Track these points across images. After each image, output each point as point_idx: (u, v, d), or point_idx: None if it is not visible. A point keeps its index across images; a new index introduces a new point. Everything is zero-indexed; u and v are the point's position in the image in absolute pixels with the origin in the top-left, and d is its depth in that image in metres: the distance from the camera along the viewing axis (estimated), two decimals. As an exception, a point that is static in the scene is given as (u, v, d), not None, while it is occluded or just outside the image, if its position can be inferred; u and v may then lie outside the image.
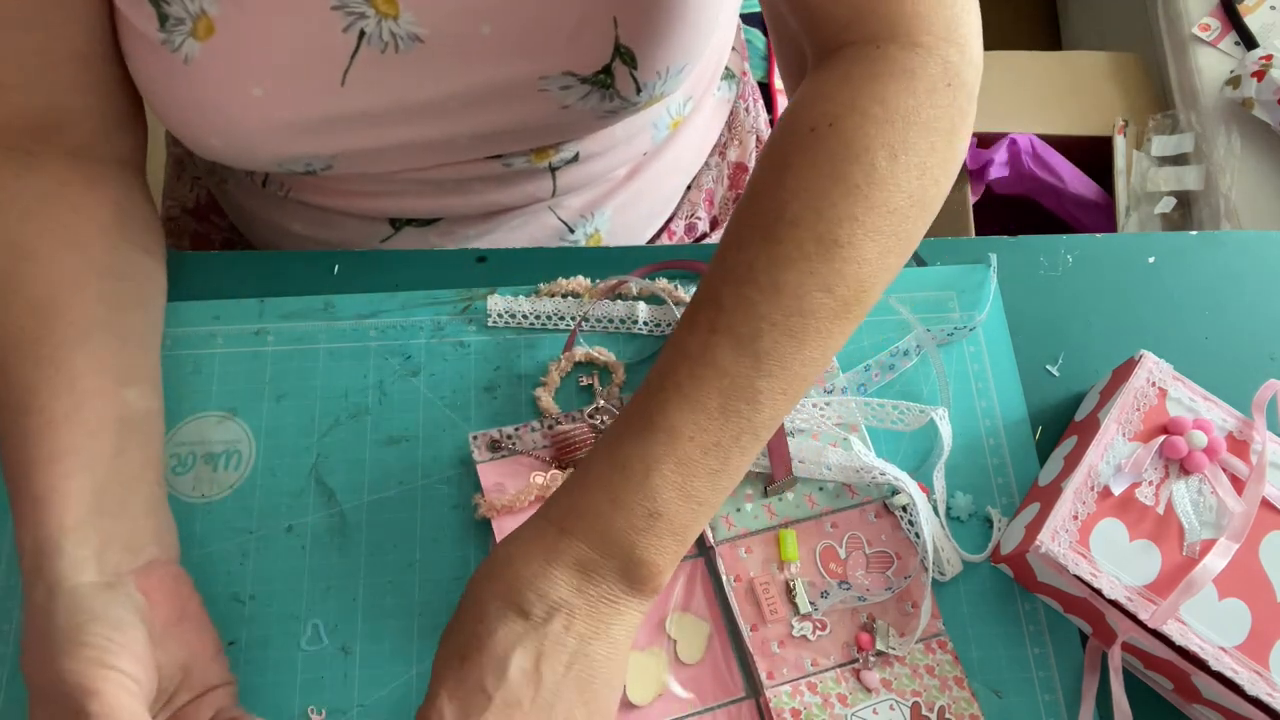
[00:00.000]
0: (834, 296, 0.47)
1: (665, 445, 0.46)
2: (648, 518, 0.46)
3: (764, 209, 0.48)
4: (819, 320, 0.47)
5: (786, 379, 0.47)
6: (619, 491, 0.46)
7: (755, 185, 0.50)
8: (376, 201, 0.69)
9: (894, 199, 0.47)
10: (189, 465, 0.59)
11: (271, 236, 0.75)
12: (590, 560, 0.46)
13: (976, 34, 0.51)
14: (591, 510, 0.46)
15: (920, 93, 0.48)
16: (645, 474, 0.46)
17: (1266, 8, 1.36)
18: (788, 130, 0.50)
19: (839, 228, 0.46)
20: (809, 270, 0.46)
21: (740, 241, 0.48)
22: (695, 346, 0.47)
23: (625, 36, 0.58)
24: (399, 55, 0.57)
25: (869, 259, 0.47)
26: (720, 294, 0.47)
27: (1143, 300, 0.67)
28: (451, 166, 0.66)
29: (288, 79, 0.56)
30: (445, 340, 0.63)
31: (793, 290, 0.46)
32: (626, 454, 0.46)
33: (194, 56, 0.55)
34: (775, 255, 0.47)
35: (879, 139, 0.47)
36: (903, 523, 0.59)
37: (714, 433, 0.46)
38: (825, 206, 0.47)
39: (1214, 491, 0.56)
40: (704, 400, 0.46)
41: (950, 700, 0.55)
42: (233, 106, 0.57)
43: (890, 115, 0.48)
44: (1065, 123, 1.42)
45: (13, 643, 0.55)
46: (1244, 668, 0.51)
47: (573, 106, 0.61)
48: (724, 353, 0.46)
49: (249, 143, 0.59)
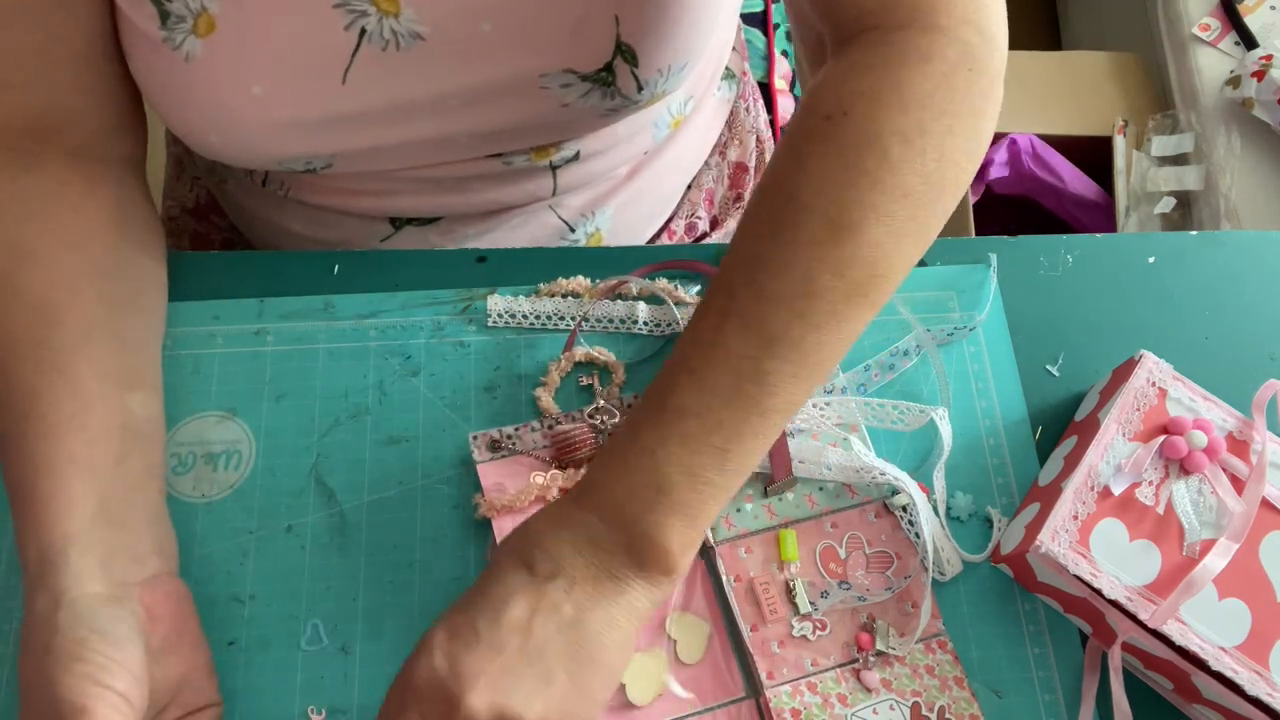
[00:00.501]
0: (844, 279, 0.47)
1: (672, 424, 0.47)
2: (654, 493, 0.46)
3: (777, 197, 0.48)
4: (829, 303, 0.47)
5: (797, 361, 0.47)
6: (628, 468, 0.47)
7: (770, 174, 0.50)
8: (376, 201, 0.69)
9: (908, 182, 0.47)
10: (189, 465, 0.59)
11: (271, 236, 0.75)
12: (599, 533, 0.47)
13: (1000, 17, 0.51)
14: (602, 485, 0.48)
15: (937, 76, 0.48)
16: (652, 450, 0.47)
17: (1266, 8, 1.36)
18: (804, 118, 0.50)
19: (848, 211, 0.46)
20: (818, 255, 0.46)
21: (753, 230, 0.49)
22: (707, 331, 0.48)
23: (626, 34, 0.58)
24: (400, 53, 0.57)
25: (881, 242, 0.47)
26: (732, 280, 0.48)
27: (1143, 300, 0.67)
28: (451, 165, 0.66)
29: (288, 77, 0.56)
30: (445, 340, 0.63)
31: (801, 273, 0.46)
32: (638, 434, 0.47)
33: (195, 54, 0.55)
34: (784, 240, 0.47)
35: (891, 125, 0.47)
36: (903, 523, 0.59)
37: (719, 410, 0.46)
38: (835, 192, 0.47)
39: (1214, 491, 0.56)
40: (712, 381, 0.47)
41: (950, 700, 0.55)
42: (233, 104, 0.57)
43: (905, 102, 0.47)
44: (1065, 123, 1.42)
45: (13, 643, 0.55)
46: (1244, 668, 0.51)
47: (573, 104, 0.61)
48: (733, 335, 0.47)
49: (249, 141, 0.59)
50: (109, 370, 0.53)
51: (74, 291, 0.53)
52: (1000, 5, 0.51)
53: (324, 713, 0.54)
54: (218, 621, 0.55)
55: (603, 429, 0.59)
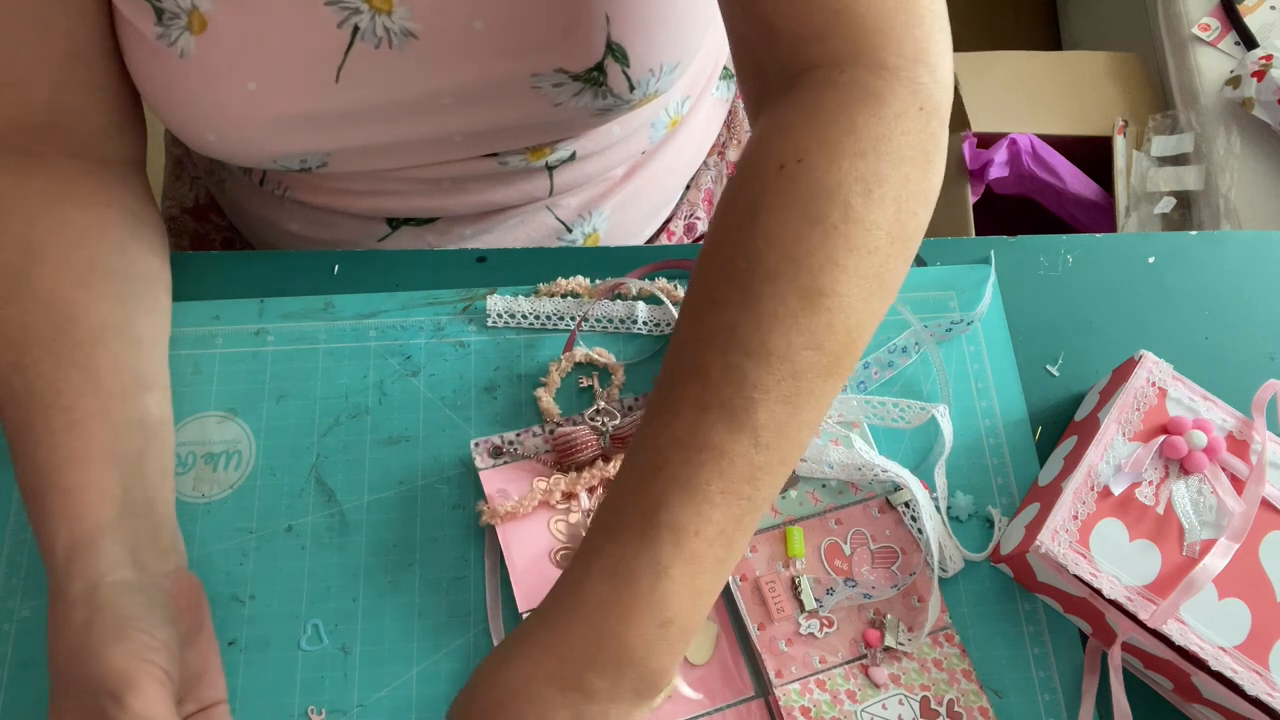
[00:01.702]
0: (824, 352, 0.44)
1: (671, 546, 0.42)
2: (659, 628, 0.42)
3: (737, 261, 0.45)
4: (811, 381, 0.44)
5: (783, 449, 0.44)
6: (628, 609, 0.42)
7: (723, 232, 0.46)
8: (373, 200, 0.69)
9: (873, 238, 0.45)
10: (189, 465, 0.59)
11: (270, 236, 0.75)
12: (601, 690, 0.43)
13: (947, 54, 0.49)
14: (597, 639, 0.42)
15: (889, 118, 0.46)
16: (654, 582, 0.42)
17: (1266, 8, 1.36)
18: (754, 168, 0.47)
19: (821, 276, 0.44)
20: (796, 328, 0.43)
21: (715, 299, 0.45)
22: (684, 428, 0.43)
23: (617, 33, 0.58)
24: (393, 51, 0.57)
25: (855, 307, 0.44)
26: (704, 362, 0.44)
27: (1143, 300, 0.67)
28: (447, 165, 0.66)
29: (282, 74, 0.56)
30: (445, 340, 0.63)
31: (781, 353, 0.43)
32: (630, 563, 0.42)
33: (190, 51, 0.55)
34: (759, 315, 0.43)
35: (852, 173, 0.45)
36: (905, 518, 0.59)
37: (718, 521, 0.43)
38: (803, 254, 0.44)
39: (1214, 491, 0.56)
40: (702, 487, 0.42)
41: (959, 694, 0.55)
42: (228, 101, 0.57)
43: (862, 147, 0.45)
44: (1065, 123, 1.42)
45: (13, 642, 0.55)
46: (1244, 668, 0.51)
47: (566, 104, 0.61)
48: (718, 431, 0.43)
49: (244, 138, 0.59)
50: (126, 368, 0.53)
51: (87, 289, 0.53)
52: (947, 41, 0.49)
53: (324, 713, 0.54)
54: (218, 621, 0.55)
55: (604, 430, 0.59)
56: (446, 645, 0.56)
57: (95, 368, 0.51)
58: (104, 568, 0.47)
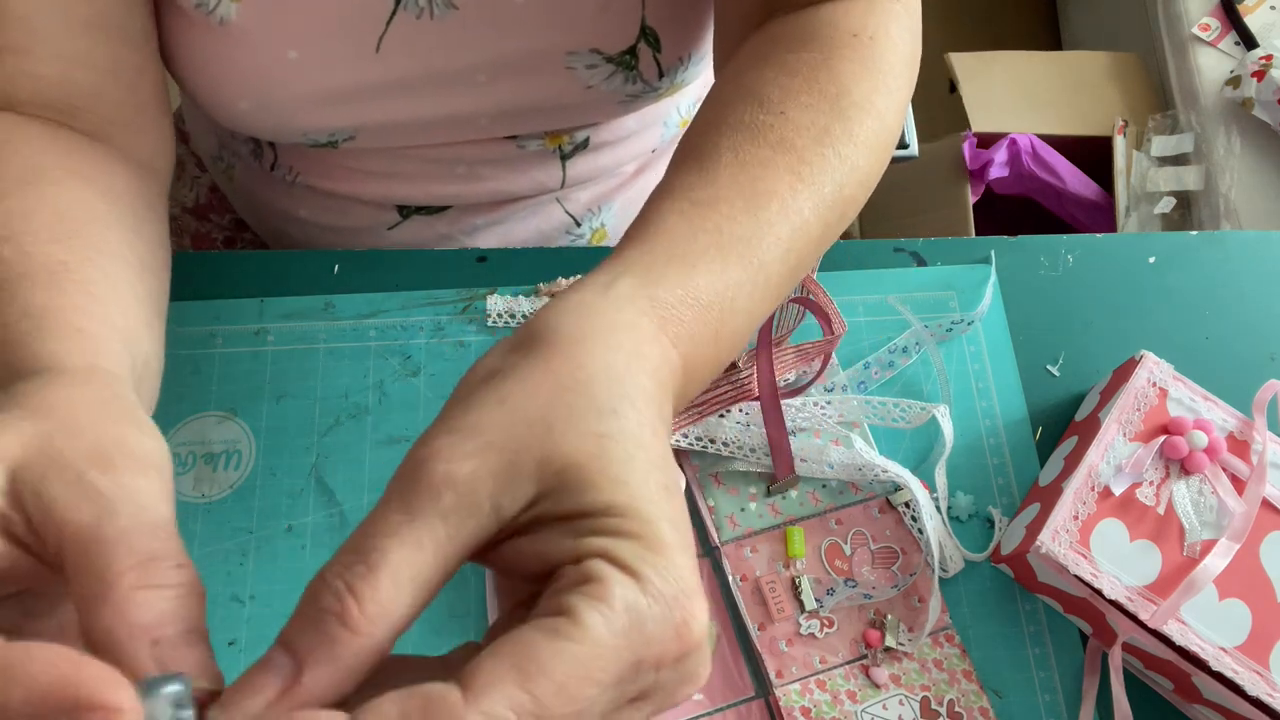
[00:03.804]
0: (865, 191, 0.47)
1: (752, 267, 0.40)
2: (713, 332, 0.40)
3: (827, 87, 0.47)
4: (838, 209, 0.46)
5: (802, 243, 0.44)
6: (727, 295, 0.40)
7: (797, 63, 0.48)
8: (385, 186, 0.69)
9: (901, 117, 0.49)
10: (189, 465, 0.59)
11: (278, 223, 0.75)
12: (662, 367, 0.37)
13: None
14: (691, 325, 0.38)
15: (910, 32, 0.51)
16: (733, 296, 0.40)
17: (1266, 8, 1.36)
18: (822, 31, 0.49)
19: (895, 129, 0.48)
20: (877, 160, 0.47)
21: (804, 104, 0.46)
22: (784, 188, 0.43)
23: (651, 18, 0.58)
24: (434, 21, 0.57)
25: (876, 172, 0.48)
26: (797, 144, 0.44)
27: (1143, 300, 0.67)
28: (465, 146, 0.66)
29: (323, 43, 0.56)
30: (445, 340, 0.63)
31: (863, 173, 0.46)
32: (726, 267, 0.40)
33: (229, 18, 0.54)
34: (849, 130, 0.46)
35: (906, 55, 0.50)
36: (906, 518, 0.59)
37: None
38: (881, 100, 0.47)
39: (1214, 492, 0.56)
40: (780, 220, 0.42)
41: (959, 694, 0.55)
42: (268, 69, 0.56)
43: (905, 40, 0.50)
44: (1065, 123, 1.42)
45: (13, 643, 0.55)
46: (1244, 668, 0.51)
47: (597, 87, 0.61)
48: (809, 208, 0.43)
49: (280, 108, 0.59)
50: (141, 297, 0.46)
51: (106, 226, 0.46)
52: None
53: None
54: (218, 621, 0.55)
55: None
56: (446, 645, 0.55)
57: (103, 291, 0.42)
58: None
